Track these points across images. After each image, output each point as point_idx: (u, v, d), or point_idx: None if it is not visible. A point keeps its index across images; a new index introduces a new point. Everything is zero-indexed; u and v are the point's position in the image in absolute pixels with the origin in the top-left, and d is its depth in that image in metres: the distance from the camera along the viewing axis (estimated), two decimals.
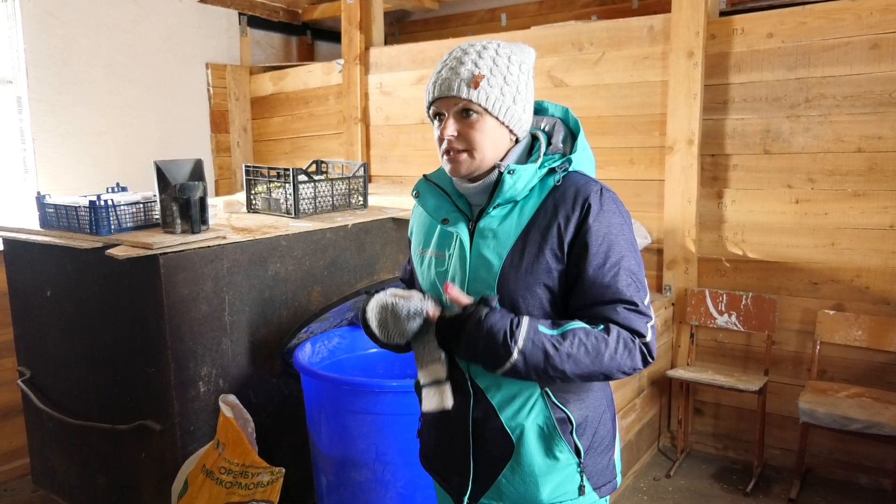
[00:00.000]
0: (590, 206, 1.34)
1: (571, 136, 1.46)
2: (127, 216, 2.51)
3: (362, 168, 3.17)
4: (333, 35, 5.59)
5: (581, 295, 1.34)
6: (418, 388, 1.54)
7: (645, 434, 3.57)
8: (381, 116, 4.65)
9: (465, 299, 1.34)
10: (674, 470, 3.53)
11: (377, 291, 1.45)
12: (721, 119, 3.49)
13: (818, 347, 3.35)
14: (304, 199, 2.89)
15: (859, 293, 3.29)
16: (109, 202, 2.45)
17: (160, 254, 2.27)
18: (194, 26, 4.82)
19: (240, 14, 5.11)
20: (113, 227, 2.45)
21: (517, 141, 1.43)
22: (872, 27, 3.10)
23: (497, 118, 1.36)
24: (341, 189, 3.08)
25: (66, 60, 4.08)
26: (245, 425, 2.25)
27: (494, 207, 1.38)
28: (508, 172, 1.35)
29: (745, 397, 3.52)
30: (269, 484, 2.22)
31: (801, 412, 3.09)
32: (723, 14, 3.51)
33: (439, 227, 1.49)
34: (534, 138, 1.46)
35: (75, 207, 2.51)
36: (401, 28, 5.76)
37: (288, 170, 2.85)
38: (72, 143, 4.14)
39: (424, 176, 1.52)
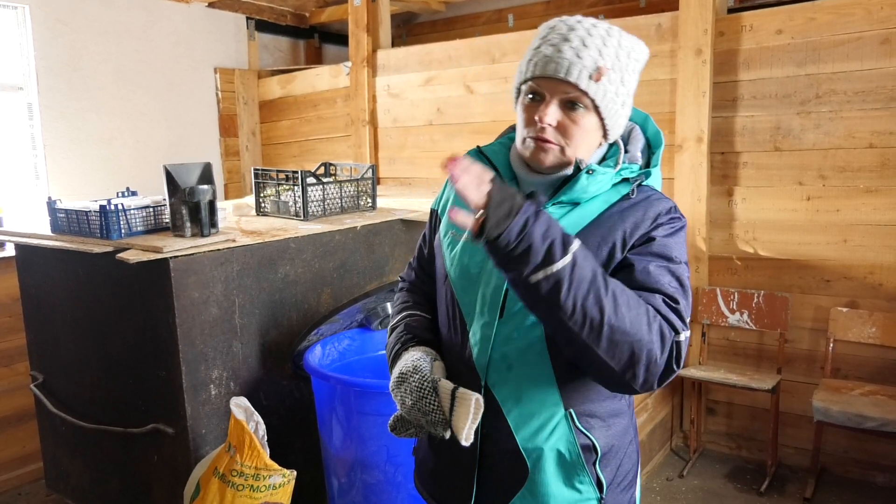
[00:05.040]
0: (661, 220, 1.24)
1: (648, 147, 1.36)
2: (137, 220, 2.52)
3: (371, 170, 3.17)
4: (341, 38, 5.60)
5: (625, 280, 1.20)
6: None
7: (657, 434, 3.55)
8: (389, 118, 4.65)
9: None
10: (687, 470, 3.51)
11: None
12: (730, 116, 3.47)
13: (831, 345, 3.32)
14: (312, 201, 2.89)
15: (873, 290, 3.26)
16: (120, 207, 2.46)
17: (170, 257, 2.28)
18: (203, 31, 4.84)
19: (248, 18, 5.13)
20: (123, 231, 2.46)
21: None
22: (883, 22, 3.07)
23: (602, 118, 1.24)
24: (350, 191, 3.08)
25: (75, 67, 4.11)
26: (256, 428, 2.25)
27: (553, 204, 1.26)
28: (588, 172, 1.23)
29: (758, 396, 3.50)
30: (280, 486, 2.22)
31: (815, 410, 3.07)
32: (731, 11, 3.49)
33: None
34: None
35: (86, 212, 2.52)
36: (408, 30, 5.77)
37: (297, 172, 2.85)
38: (82, 149, 4.17)
39: (478, 148, 1.38)
